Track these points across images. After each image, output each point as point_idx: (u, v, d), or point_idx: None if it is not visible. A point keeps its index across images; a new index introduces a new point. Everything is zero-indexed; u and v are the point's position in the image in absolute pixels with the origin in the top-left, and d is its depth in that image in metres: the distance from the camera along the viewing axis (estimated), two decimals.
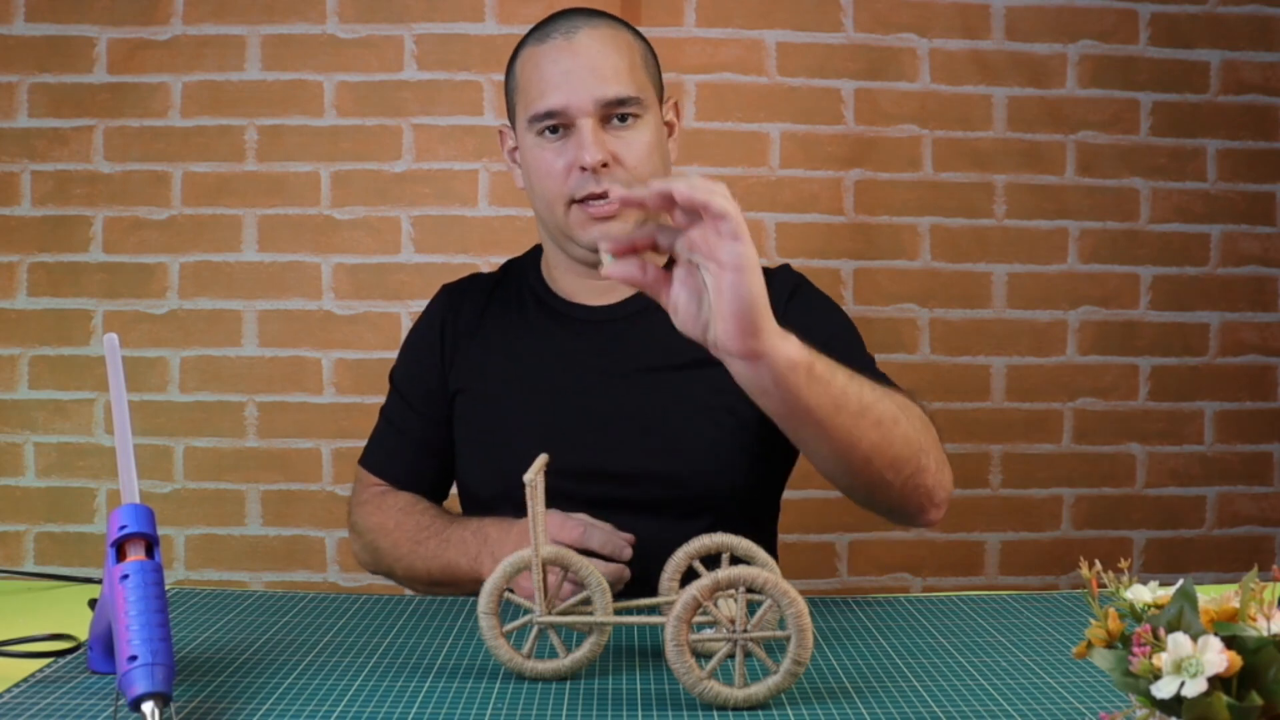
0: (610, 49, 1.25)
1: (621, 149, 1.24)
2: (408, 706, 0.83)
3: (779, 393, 0.96)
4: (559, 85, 1.23)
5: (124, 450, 0.82)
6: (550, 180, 1.26)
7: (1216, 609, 0.60)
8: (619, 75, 1.24)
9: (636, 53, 1.28)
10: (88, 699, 0.84)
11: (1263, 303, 2.27)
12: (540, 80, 1.24)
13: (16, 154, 2.14)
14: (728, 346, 0.92)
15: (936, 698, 0.85)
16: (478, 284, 1.42)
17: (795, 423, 1.01)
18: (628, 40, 1.28)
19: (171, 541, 2.16)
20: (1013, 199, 2.22)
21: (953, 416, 2.21)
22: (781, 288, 1.33)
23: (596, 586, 0.89)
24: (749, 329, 0.91)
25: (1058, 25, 2.21)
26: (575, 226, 1.26)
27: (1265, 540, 2.27)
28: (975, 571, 2.23)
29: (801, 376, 0.96)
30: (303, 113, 2.15)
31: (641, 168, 1.24)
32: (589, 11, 1.29)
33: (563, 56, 1.24)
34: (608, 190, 1.22)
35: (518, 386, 1.32)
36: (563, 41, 1.25)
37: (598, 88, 1.22)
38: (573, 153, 1.23)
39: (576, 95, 1.22)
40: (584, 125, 1.23)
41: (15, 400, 2.15)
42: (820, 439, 1.02)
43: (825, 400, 0.99)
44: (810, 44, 2.18)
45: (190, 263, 2.15)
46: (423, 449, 1.38)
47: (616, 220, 1.24)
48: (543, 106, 1.24)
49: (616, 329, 1.32)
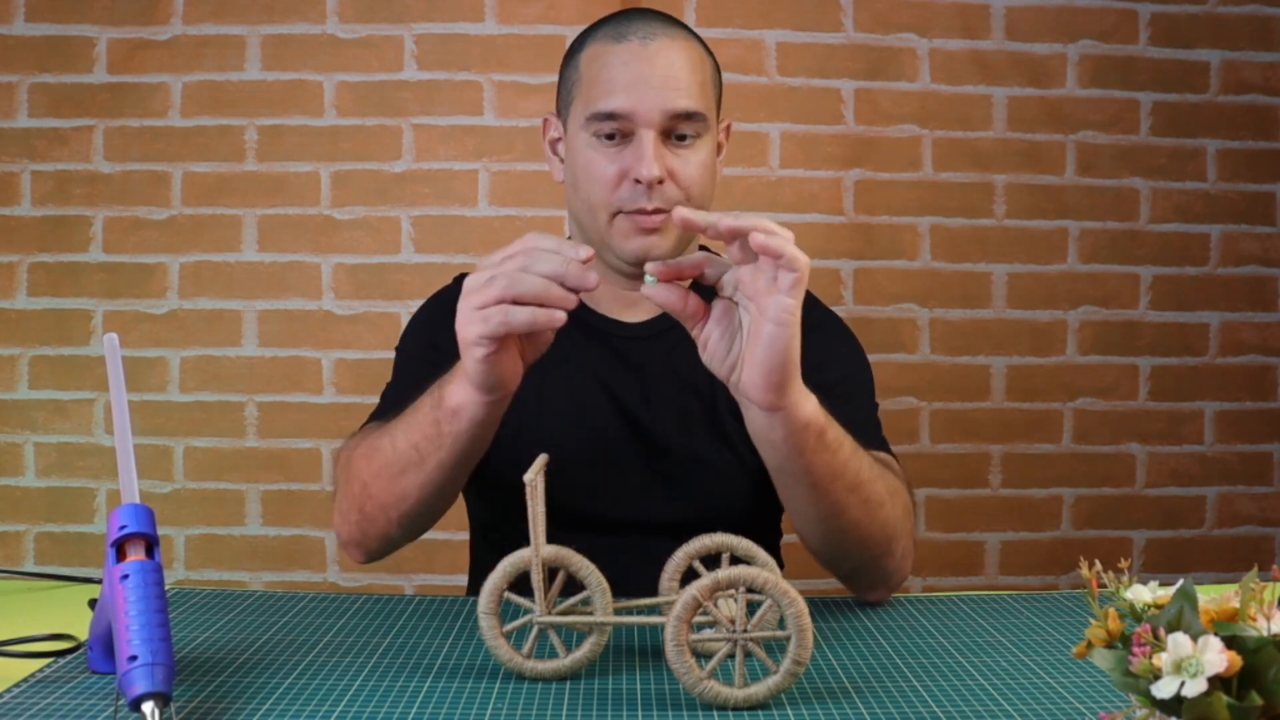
0: (685, 62, 1.21)
1: (679, 166, 1.20)
2: (408, 707, 0.83)
3: (785, 448, 0.97)
4: (628, 89, 1.18)
5: (124, 450, 0.82)
6: (598, 186, 1.21)
7: (1216, 609, 0.60)
8: (690, 90, 1.20)
9: (707, 70, 1.24)
10: (88, 699, 0.84)
11: (1263, 303, 2.27)
12: (609, 80, 1.20)
13: (16, 154, 2.14)
14: (750, 394, 0.93)
15: (936, 698, 0.85)
16: None
17: (790, 479, 1.02)
18: (701, 56, 1.24)
19: (171, 541, 2.16)
20: (1013, 199, 2.22)
21: (953, 416, 2.21)
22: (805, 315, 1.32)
23: (597, 586, 0.89)
24: (776, 383, 0.91)
25: (1058, 25, 2.20)
26: (617, 236, 1.22)
27: (1265, 540, 2.27)
28: (975, 571, 2.23)
29: (811, 439, 0.96)
30: (303, 113, 2.15)
31: (694, 189, 1.21)
32: (666, 18, 1.25)
33: (636, 61, 1.19)
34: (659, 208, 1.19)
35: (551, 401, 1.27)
36: (638, 45, 1.20)
37: (668, 99, 1.18)
38: (629, 162, 1.19)
39: (644, 103, 1.18)
40: (645, 136, 1.18)
41: (15, 400, 2.15)
42: (808, 500, 1.03)
43: (826, 467, 0.99)
44: (810, 44, 2.18)
45: (190, 263, 2.15)
46: None
47: (659, 234, 1.20)
48: (606, 106, 1.19)
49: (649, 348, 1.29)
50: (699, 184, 1.21)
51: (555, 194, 2.15)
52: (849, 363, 1.31)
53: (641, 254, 1.20)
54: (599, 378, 1.28)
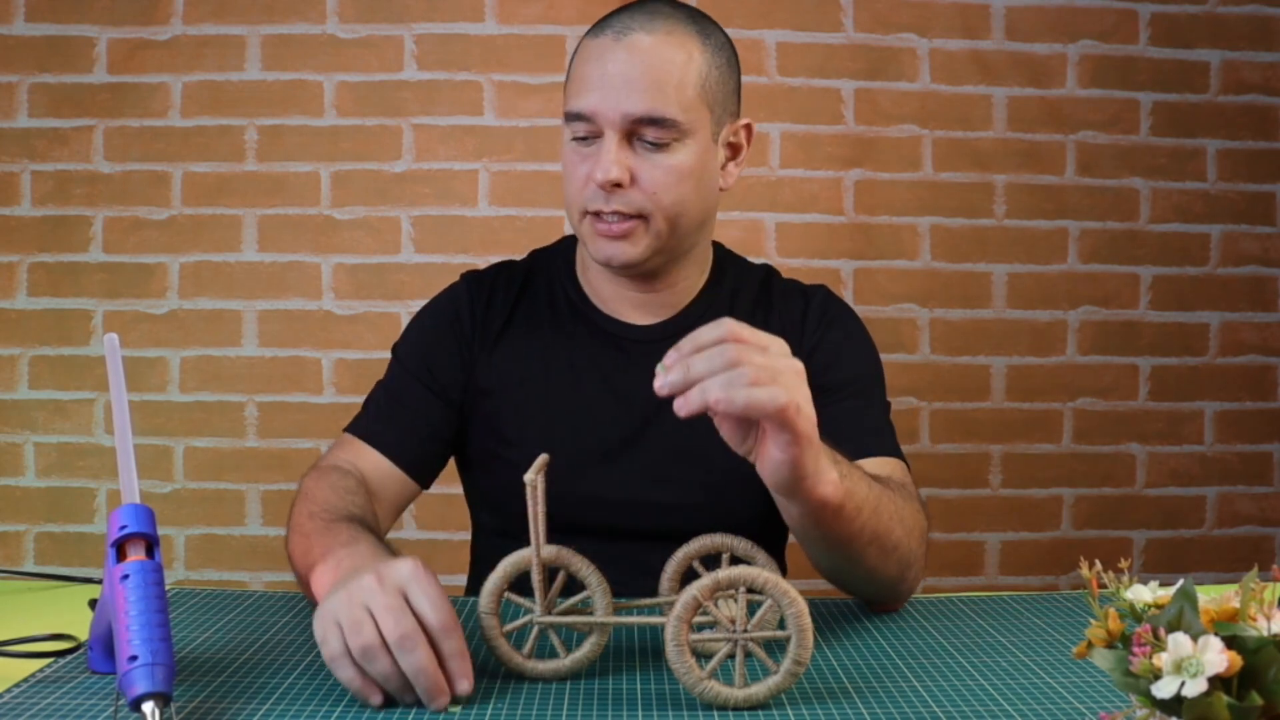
0: (658, 60, 1.13)
1: (644, 170, 1.15)
2: (408, 707, 0.83)
3: (802, 520, 0.95)
4: (594, 88, 1.14)
5: (124, 450, 0.81)
6: (571, 186, 1.19)
7: (1216, 609, 0.60)
8: (658, 91, 1.13)
9: (694, 68, 1.15)
10: (88, 699, 0.84)
11: (1263, 303, 2.27)
12: (580, 78, 1.16)
13: (16, 154, 2.14)
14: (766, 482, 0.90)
15: (936, 698, 0.85)
16: (505, 277, 1.33)
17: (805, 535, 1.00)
18: (689, 52, 1.16)
19: (171, 541, 2.16)
20: (1013, 199, 2.22)
21: (953, 416, 2.21)
22: (818, 312, 1.30)
23: (597, 586, 0.89)
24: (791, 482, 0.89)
25: (1058, 25, 2.21)
26: (587, 238, 1.20)
27: (1265, 540, 2.27)
28: (975, 571, 2.23)
29: (829, 514, 0.94)
30: (303, 113, 2.15)
31: (663, 195, 1.16)
32: (657, 9, 1.17)
33: (606, 57, 1.14)
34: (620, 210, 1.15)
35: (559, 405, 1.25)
36: (610, 40, 1.15)
37: (626, 100, 1.12)
38: (592, 163, 1.16)
39: (605, 104, 1.13)
40: (609, 137, 1.14)
41: (15, 400, 2.15)
42: (824, 552, 1.01)
43: (844, 531, 0.97)
44: (810, 44, 2.18)
45: (190, 263, 2.16)
46: (418, 421, 1.26)
47: (626, 241, 1.17)
48: (574, 107, 1.16)
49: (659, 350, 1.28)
50: (671, 190, 1.16)
51: (555, 194, 2.15)
52: (862, 362, 1.29)
53: (605, 259, 1.19)
54: (606, 380, 1.26)
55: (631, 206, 1.16)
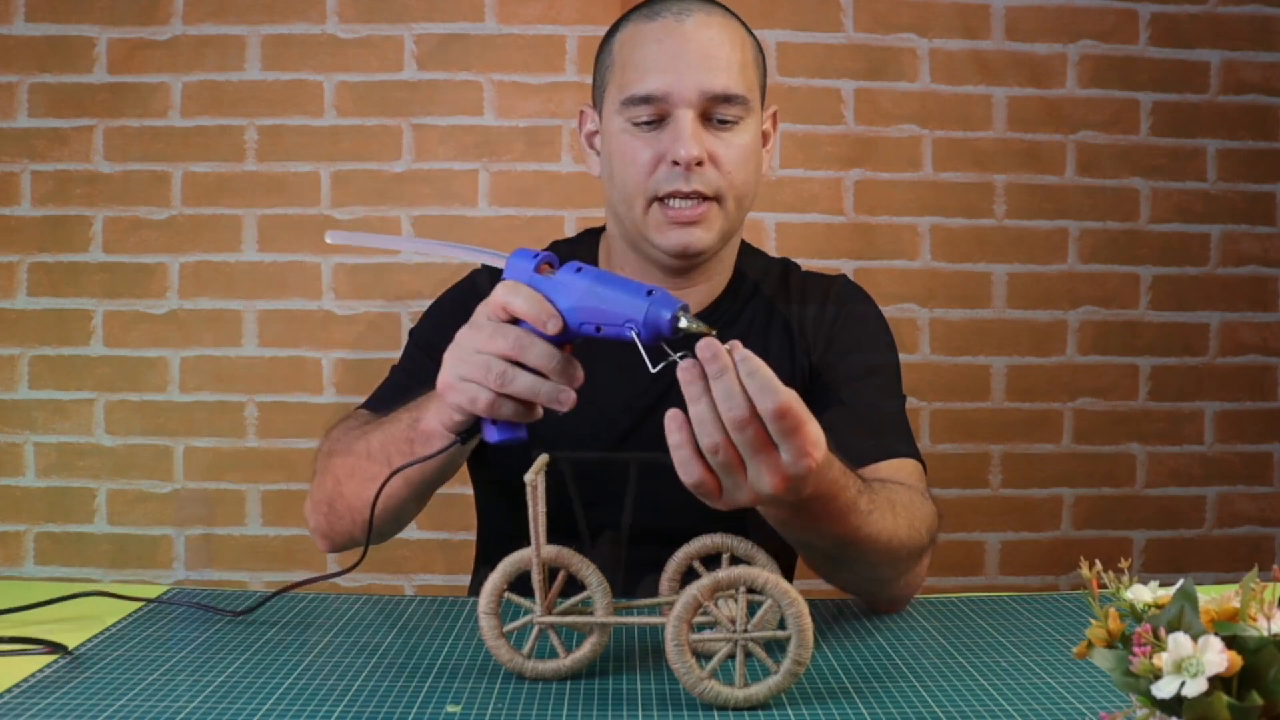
0: (724, 39, 1.14)
1: (720, 149, 1.14)
2: (408, 707, 0.83)
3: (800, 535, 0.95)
4: (663, 69, 1.12)
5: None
6: (634, 171, 1.15)
7: (1217, 609, 0.60)
8: (730, 69, 1.13)
9: (749, 50, 1.18)
10: (86, 699, 0.84)
11: (1263, 303, 2.27)
12: (642, 61, 1.14)
13: (16, 154, 2.14)
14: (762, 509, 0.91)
15: (936, 698, 0.85)
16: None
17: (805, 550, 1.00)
18: (741, 35, 1.18)
19: (171, 541, 2.16)
20: (1013, 199, 2.22)
21: (953, 416, 2.21)
22: (837, 300, 1.30)
23: (597, 586, 0.89)
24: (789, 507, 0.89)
25: (1058, 25, 2.20)
26: (653, 228, 1.17)
27: (1265, 540, 2.27)
28: (975, 572, 2.23)
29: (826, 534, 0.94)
30: (303, 113, 2.15)
31: (737, 175, 1.15)
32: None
33: (671, 38, 1.13)
34: (699, 191, 1.13)
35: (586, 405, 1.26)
36: (673, 22, 1.14)
37: (706, 78, 1.12)
38: (666, 144, 1.13)
39: (681, 82, 1.11)
40: (683, 116, 1.12)
41: (15, 400, 2.15)
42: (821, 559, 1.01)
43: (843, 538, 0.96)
44: (810, 44, 2.18)
45: (190, 263, 2.15)
46: None
47: (700, 226, 1.15)
48: (641, 90, 1.13)
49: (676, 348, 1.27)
50: (742, 169, 1.16)
51: (555, 194, 2.15)
52: (875, 353, 1.29)
53: (680, 247, 1.16)
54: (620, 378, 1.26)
55: (710, 187, 1.15)
